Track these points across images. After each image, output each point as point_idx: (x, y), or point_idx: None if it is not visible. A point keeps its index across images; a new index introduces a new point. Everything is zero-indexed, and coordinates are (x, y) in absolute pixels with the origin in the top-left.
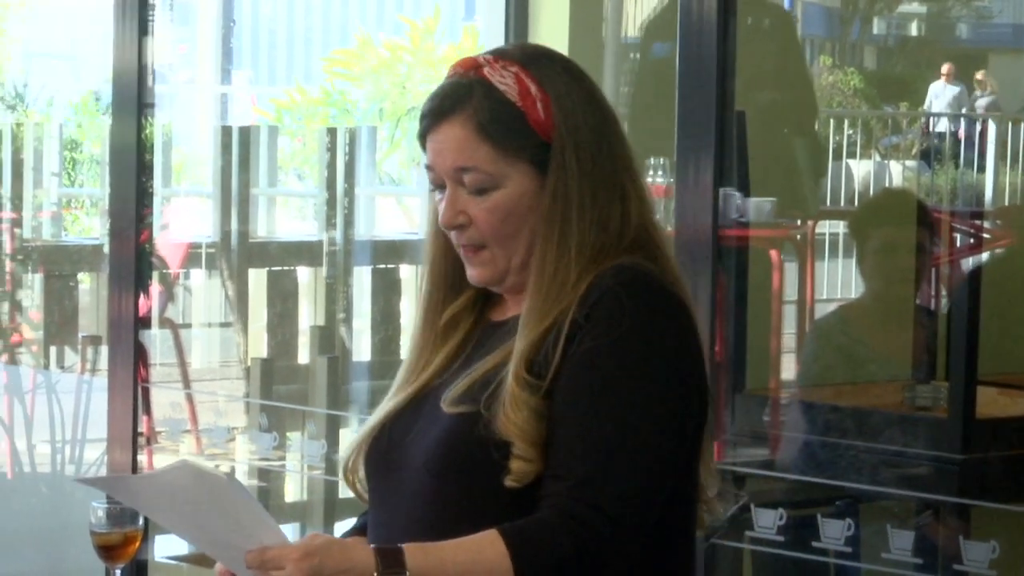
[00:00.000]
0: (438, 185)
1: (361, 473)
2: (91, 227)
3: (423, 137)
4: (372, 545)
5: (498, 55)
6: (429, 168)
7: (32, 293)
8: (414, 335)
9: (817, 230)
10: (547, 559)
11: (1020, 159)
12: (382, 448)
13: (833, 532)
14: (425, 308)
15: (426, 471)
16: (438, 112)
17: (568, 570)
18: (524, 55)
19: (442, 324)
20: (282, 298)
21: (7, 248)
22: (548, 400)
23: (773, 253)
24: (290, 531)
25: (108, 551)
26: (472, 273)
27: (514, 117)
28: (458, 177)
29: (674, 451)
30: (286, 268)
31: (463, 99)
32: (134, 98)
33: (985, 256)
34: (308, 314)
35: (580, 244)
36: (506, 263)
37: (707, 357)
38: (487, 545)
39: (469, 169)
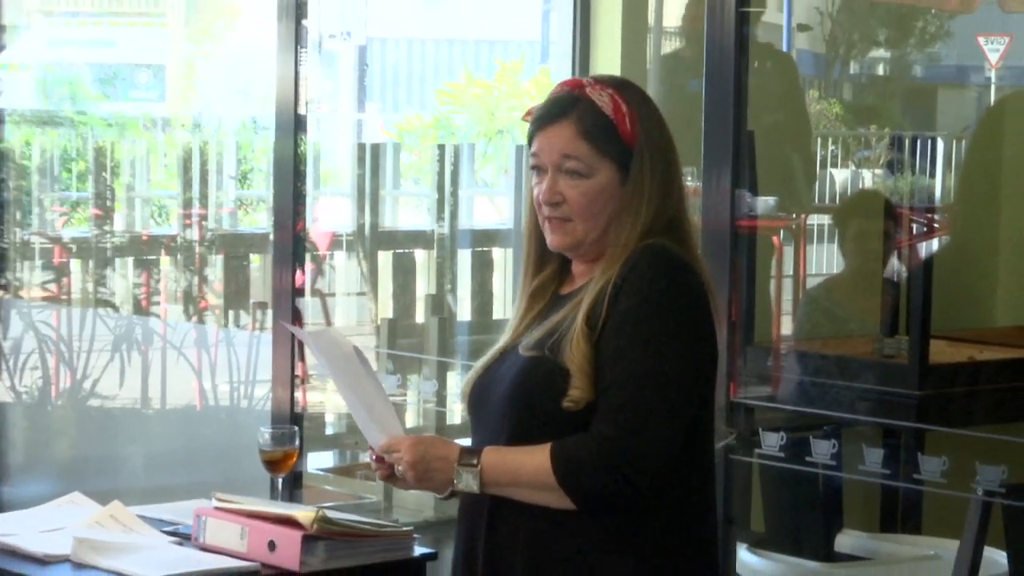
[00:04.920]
0: (537, 167)
1: (467, 403)
2: (259, 220)
3: (533, 134)
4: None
5: (598, 80)
6: (534, 155)
7: (215, 270)
8: (517, 295)
9: (808, 222)
10: (575, 460)
11: (954, 168)
12: (480, 386)
13: (821, 450)
14: (524, 274)
15: (506, 398)
16: (552, 115)
17: (591, 469)
18: (615, 82)
19: (532, 289)
20: (403, 273)
21: (196, 236)
22: (597, 347)
23: (775, 239)
24: None
25: (272, 465)
26: (553, 239)
27: (608, 126)
28: (561, 163)
29: (691, 388)
30: (406, 251)
31: (571, 107)
32: (291, 122)
33: (935, 241)
34: (423, 285)
35: (643, 225)
36: (584, 236)
37: (724, 317)
38: (539, 450)
39: (572, 156)
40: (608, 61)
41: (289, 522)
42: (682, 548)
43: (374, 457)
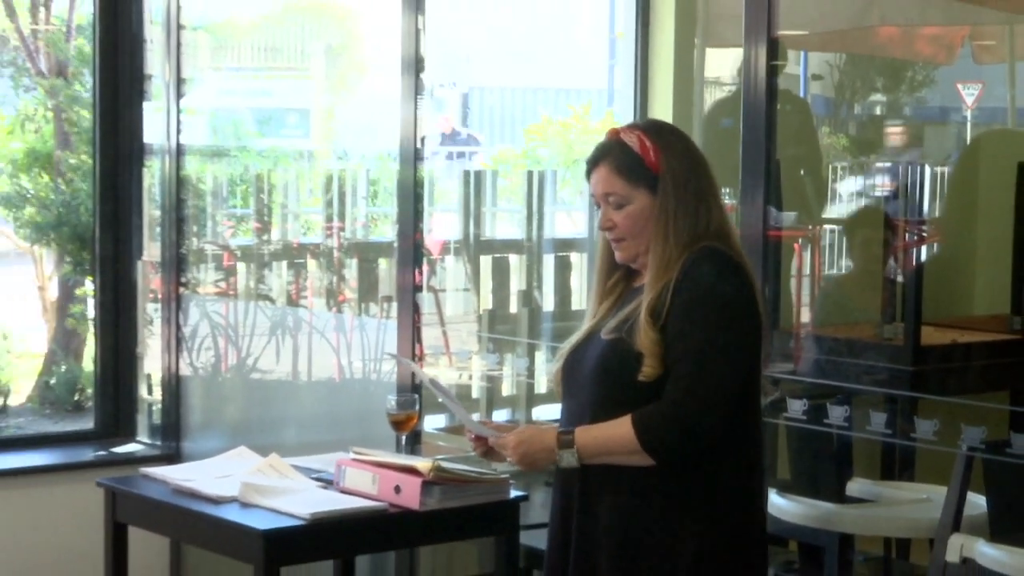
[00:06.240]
0: (597, 204)
1: (559, 377)
2: (386, 231)
3: (587, 175)
4: (557, 429)
5: (631, 126)
6: (591, 192)
7: (351, 271)
8: (592, 294)
9: (821, 231)
10: (653, 425)
11: (939, 189)
12: (569, 363)
13: (836, 414)
14: (597, 279)
15: (592, 375)
16: (595, 159)
17: (666, 429)
18: (645, 124)
19: (607, 288)
20: (500, 273)
21: (336, 244)
22: (664, 332)
23: (796, 245)
24: (504, 414)
25: (397, 425)
26: (617, 256)
27: (636, 160)
28: (606, 198)
29: (742, 360)
30: (503, 255)
31: (607, 152)
32: (412, 153)
33: (925, 247)
34: (516, 283)
35: (675, 238)
36: (637, 250)
37: (761, 305)
38: (622, 423)
39: (611, 194)
40: (662, 105)
41: (411, 470)
42: (736, 500)
43: (473, 438)
